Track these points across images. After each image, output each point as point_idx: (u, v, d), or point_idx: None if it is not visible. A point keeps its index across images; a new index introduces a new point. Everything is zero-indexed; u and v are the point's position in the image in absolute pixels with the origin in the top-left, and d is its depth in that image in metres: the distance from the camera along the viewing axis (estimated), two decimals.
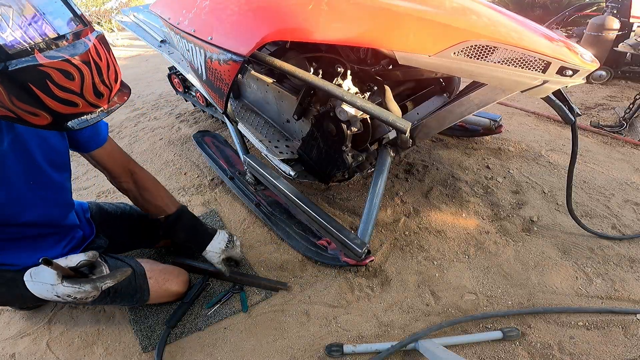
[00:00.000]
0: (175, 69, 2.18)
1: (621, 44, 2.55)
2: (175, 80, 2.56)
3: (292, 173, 1.44)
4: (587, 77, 2.77)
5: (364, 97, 1.27)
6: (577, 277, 1.23)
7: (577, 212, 1.44)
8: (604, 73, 2.82)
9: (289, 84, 1.58)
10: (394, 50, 1.01)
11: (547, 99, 1.12)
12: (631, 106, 2.11)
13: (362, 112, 1.17)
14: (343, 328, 1.13)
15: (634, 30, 2.76)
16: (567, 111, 1.16)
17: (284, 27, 1.10)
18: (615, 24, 2.66)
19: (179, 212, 1.21)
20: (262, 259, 1.40)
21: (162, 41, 2.29)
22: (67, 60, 0.62)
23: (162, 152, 2.26)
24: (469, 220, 1.49)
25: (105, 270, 0.89)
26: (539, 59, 0.92)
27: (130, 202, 1.28)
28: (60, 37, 0.62)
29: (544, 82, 0.94)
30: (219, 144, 2.16)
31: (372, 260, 1.31)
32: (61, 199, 1.04)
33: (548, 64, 0.92)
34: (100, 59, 0.68)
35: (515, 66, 0.94)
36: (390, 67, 1.35)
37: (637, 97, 2.08)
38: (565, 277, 1.23)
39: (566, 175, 1.27)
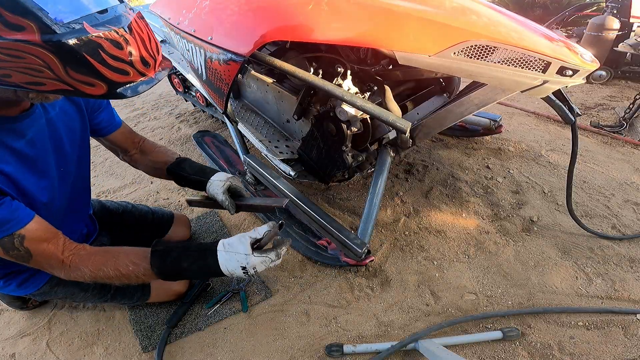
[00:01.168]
0: (175, 68, 2.19)
1: (621, 44, 2.55)
2: (175, 80, 2.56)
3: (292, 173, 1.44)
4: (587, 77, 2.77)
5: (364, 97, 1.26)
6: (577, 277, 1.23)
7: (577, 212, 1.44)
8: (604, 73, 2.82)
9: (289, 84, 1.58)
10: (394, 50, 1.01)
11: (547, 99, 1.12)
12: (631, 106, 2.11)
13: (362, 112, 1.17)
14: (343, 328, 1.13)
15: (634, 30, 2.76)
16: (567, 111, 1.16)
17: (284, 27, 1.10)
18: (615, 24, 2.66)
19: (184, 157, 1.22)
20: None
21: (162, 41, 2.29)
22: (115, 31, 0.64)
23: None
24: (469, 220, 1.49)
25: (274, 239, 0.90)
26: (539, 59, 0.92)
27: (132, 201, 1.28)
28: (104, 11, 0.65)
29: (544, 82, 0.94)
30: (219, 144, 2.16)
31: (372, 260, 1.31)
32: (82, 188, 1.10)
33: (548, 64, 0.92)
34: (142, 31, 0.71)
35: (515, 66, 0.94)
36: (390, 67, 1.35)
37: (637, 97, 2.08)
38: (565, 277, 1.23)
39: (566, 175, 1.27)
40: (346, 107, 1.18)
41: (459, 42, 0.94)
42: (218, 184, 1.06)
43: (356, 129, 1.25)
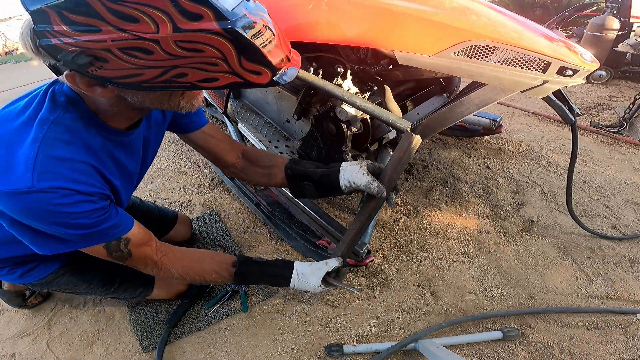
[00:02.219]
0: None
1: (621, 44, 2.55)
2: None
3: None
4: (587, 77, 2.77)
5: (364, 97, 1.26)
6: (577, 277, 1.23)
7: (577, 212, 1.44)
8: (604, 73, 2.82)
9: (289, 84, 1.58)
10: (394, 50, 1.01)
11: (547, 99, 1.12)
12: (631, 106, 2.11)
13: (362, 112, 1.17)
14: (343, 328, 1.13)
15: (634, 30, 2.76)
16: (567, 111, 1.16)
17: (284, 26, 1.10)
18: (615, 24, 2.66)
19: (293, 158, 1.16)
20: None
21: None
22: (263, 17, 0.63)
23: (162, 152, 2.26)
24: (469, 220, 1.49)
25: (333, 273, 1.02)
26: (539, 59, 0.92)
27: (140, 196, 1.28)
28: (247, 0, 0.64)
29: (544, 82, 0.94)
30: None
31: (372, 260, 1.31)
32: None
33: (548, 64, 0.92)
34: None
35: (515, 66, 0.94)
36: (390, 67, 1.35)
37: (637, 97, 2.08)
38: (565, 277, 1.23)
39: (566, 175, 1.27)
40: (346, 107, 1.18)
41: (459, 42, 0.94)
42: (354, 168, 0.94)
43: (356, 129, 1.25)
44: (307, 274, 0.99)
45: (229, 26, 0.55)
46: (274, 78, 0.65)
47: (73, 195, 0.68)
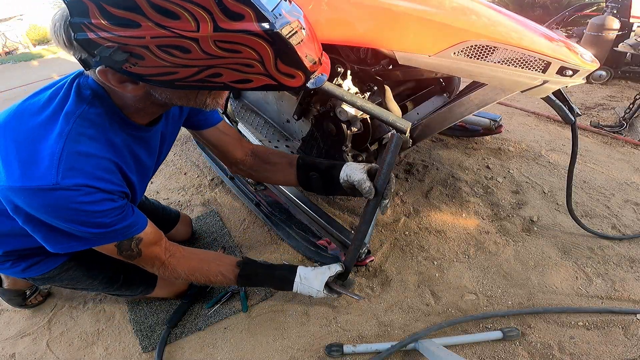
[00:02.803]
0: None
1: (621, 44, 2.56)
2: None
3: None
4: (587, 77, 2.77)
5: (364, 97, 1.26)
6: (577, 277, 1.23)
7: (577, 212, 1.44)
8: (604, 73, 2.82)
9: None
10: (394, 50, 1.01)
11: (547, 99, 1.12)
12: (631, 106, 2.11)
13: (362, 112, 1.17)
14: (343, 328, 1.13)
15: (634, 30, 2.76)
16: (567, 111, 1.16)
17: None
18: (615, 24, 2.66)
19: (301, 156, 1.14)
20: (262, 259, 1.40)
21: None
22: (299, 19, 0.62)
23: None
24: (469, 220, 1.49)
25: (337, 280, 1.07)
26: (539, 59, 0.92)
27: (151, 191, 1.27)
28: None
29: (544, 82, 0.94)
30: None
31: (372, 260, 1.31)
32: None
33: (548, 64, 0.92)
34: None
35: (515, 66, 0.94)
36: (390, 67, 1.35)
37: (637, 97, 2.08)
38: (565, 277, 1.23)
39: (566, 175, 1.27)
40: (346, 107, 1.18)
41: (459, 42, 0.94)
42: (356, 165, 0.98)
43: (356, 129, 1.25)
44: (310, 278, 1.00)
45: (270, 28, 0.54)
46: (307, 83, 0.64)
47: (96, 193, 0.68)
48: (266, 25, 0.53)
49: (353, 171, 0.96)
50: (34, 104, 0.71)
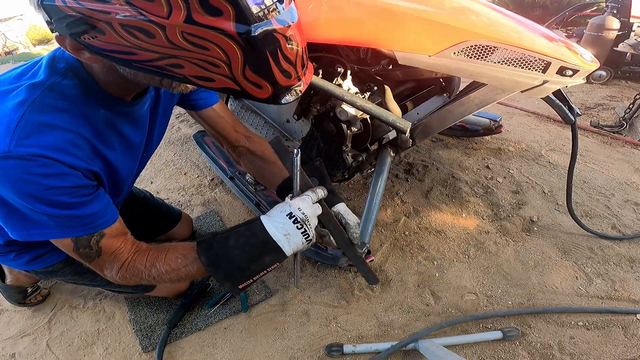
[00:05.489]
0: None
1: (621, 44, 2.56)
2: None
3: None
4: (587, 77, 2.77)
5: (364, 97, 1.26)
6: (577, 277, 1.23)
7: (577, 212, 1.44)
8: (604, 73, 2.82)
9: None
10: (393, 50, 1.01)
11: (547, 99, 1.12)
12: (631, 106, 2.11)
13: (362, 112, 1.17)
14: (343, 328, 1.13)
15: (634, 30, 2.76)
16: (567, 111, 1.16)
17: None
18: (615, 24, 2.66)
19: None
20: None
21: None
22: (290, 27, 0.56)
23: (162, 152, 2.26)
24: (469, 220, 1.49)
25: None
26: (539, 59, 0.92)
27: (151, 191, 1.26)
28: (281, 1, 0.56)
29: (544, 82, 0.94)
30: (219, 145, 2.16)
31: (372, 260, 1.31)
32: (138, 174, 1.03)
33: (548, 64, 0.92)
34: (300, 24, 0.61)
35: (515, 66, 0.94)
36: (390, 67, 1.35)
37: (637, 97, 2.08)
38: (565, 277, 1.23)
39: (566, 175, 1.27)
40: (346, 107, 1.18)
41: (458, 42, 0.94)
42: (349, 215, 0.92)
43: (356, 129, 1.25)
44: (272, 208, 0.76)
45: (247, 31, 0.50)
46: (274, 96, 0.60)
47: (55, 165, 0.61)
48: (244, 28, 0.50)
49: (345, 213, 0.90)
50: (6, 78, 0.68)
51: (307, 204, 0.73)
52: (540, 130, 2.16)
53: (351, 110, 1.19)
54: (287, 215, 0.72)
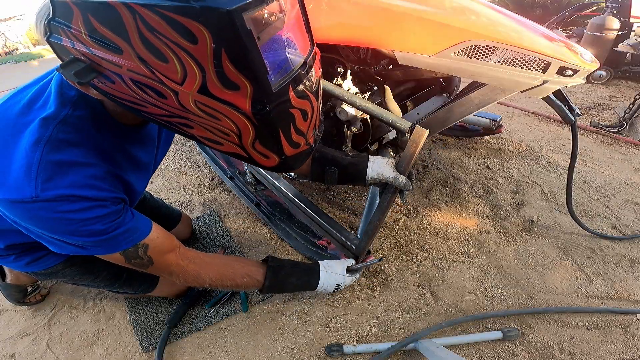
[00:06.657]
0: None
1: (621, 44, 2.55)
2: None
3: (292, 173, 1.44)
4: (587, 77, 2.77)
5: (364, 97, 1.26)
6: (577, 277, 1.23)
7: (577, 212, 1.44)
8: (604, 73, 2.82)
9: None
10: (393, 50, 1.01)
11: (547, 99, 1.12)
12: (631, 106, 2.11)
13: (362, 112, 1.17)
14: (343, 328, 1.13)
15: (634, 30, 2.76)
16: (567, 111, 1.16)
17: None
18: (615, 24, 2.66)
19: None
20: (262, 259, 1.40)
21: None
22: (308, 97, 0.53)
23: None
24: (469, 220, 1.49)
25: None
26: (539, 59, 0.92)
27: (151, 191, 1.26)
28: (303, 66, 0.52)
29: (544, 82, 0.94)
30: None
31: (374, 260, 1.30)
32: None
33: (548, 64, 0.92)
34: (318, 85, 0.58)
35: (515, 66, 0.94)
36: (390, 67, 1.35)
37: (637, 97, 2.08)
38: (565, 277, 1.23)
39: (566, 175, 1.27)
40: (346, 107, 1.18)
41: (458, 42, 0.94)
42: (382, 161, 0.94)
43: (356, 129, 1.25)
44: (333, 265, 1.06)
45: (263, 110, 0.47)
46: (279, 166, 0.59)
47: (80, 201, 0.63)
48: (261, 109, 0.47)
49: (383, 169, 0.94)
50: (14, 105, 0.67)
51: (350, 280, 1.08)
52: (540, 130, 2.16)
53: (351, 110, 1.19)
54: (336, 286, 1.05)
